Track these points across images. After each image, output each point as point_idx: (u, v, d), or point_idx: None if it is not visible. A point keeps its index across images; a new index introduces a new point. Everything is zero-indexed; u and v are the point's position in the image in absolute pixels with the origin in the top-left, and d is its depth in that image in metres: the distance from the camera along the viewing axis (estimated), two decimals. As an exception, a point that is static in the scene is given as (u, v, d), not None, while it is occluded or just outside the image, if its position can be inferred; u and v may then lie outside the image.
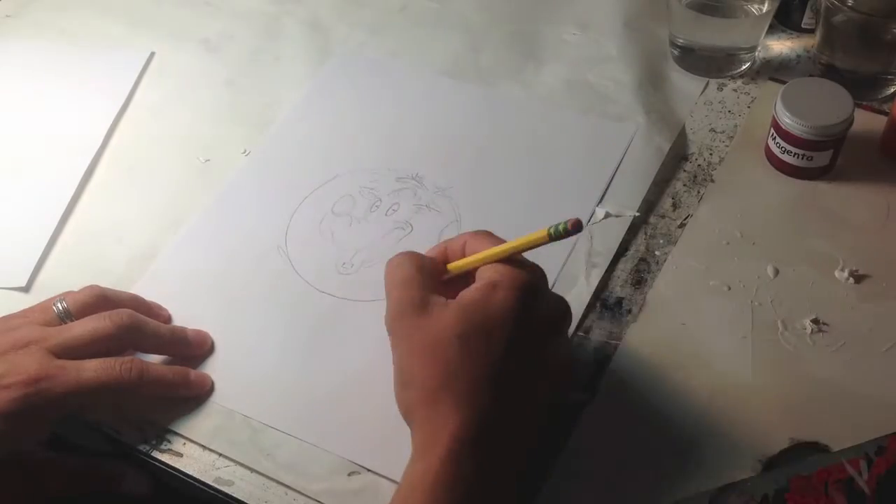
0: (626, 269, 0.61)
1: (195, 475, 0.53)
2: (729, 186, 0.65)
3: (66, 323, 0.54)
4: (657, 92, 0.72)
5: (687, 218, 0.64)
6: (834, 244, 0.61)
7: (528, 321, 0.47)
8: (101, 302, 0.55)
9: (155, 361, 0.56)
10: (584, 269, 0.61)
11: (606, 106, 0.71)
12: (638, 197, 0.65)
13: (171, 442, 0.54)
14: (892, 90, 0.70)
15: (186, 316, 0.59)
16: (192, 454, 0.54)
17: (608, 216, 0.63)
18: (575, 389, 0.54)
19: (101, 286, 0.57)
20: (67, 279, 0.60)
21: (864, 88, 0.69)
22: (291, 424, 0.54)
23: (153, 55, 0.79)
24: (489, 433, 0.46)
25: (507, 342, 0.47)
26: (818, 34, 0.70)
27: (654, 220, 0.64)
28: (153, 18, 0.83)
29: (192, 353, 0.57)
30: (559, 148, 0.68)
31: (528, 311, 0.47)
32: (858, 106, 0.65)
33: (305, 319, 0.59)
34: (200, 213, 0.66)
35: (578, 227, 0.46)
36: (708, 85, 0.73)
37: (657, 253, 0.62)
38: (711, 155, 0.68)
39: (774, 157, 0.65)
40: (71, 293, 0.56)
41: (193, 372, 0.56)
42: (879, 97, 0.70)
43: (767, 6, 0.70)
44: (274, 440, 0.54)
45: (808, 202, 0.64)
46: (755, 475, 0.50)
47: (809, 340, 0.56)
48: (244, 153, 0.70)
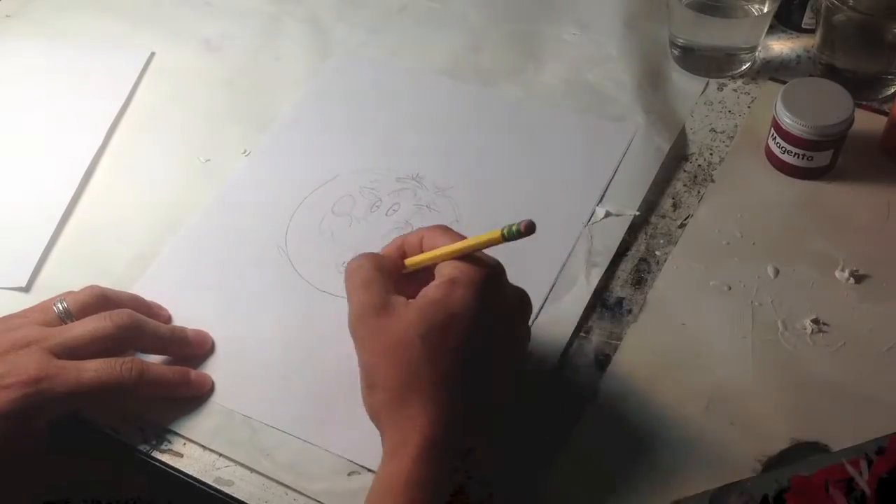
0: (626, 269, 0.61)
1: (195, 475, 0.53)
2: (729, 186, 0.65)
3: (66, 323, 0.54)
4: (657, 92, 0.72)
5: (687, 218, 0.64)
6: (834, 244, 0.61)
7: (488, 316, 0.48)
8: (101, 302, 0.55)
9: (155, 361, 0.56)
10: (584, 268, 0.61)
11: (606, 106, 0.71)
12: (638, 197, 0.65)
13: (171, 442, 0.54)
14: (892, 90, 0.70)
15: (186, 316, 0.59)
16: (192, 454, 0.54)
17: (608, 216, 0.63)
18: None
19: (101, 286, 0.57)
20: (67, 279, 0.60)
21: (864, 88, 0.69)
22: (291, 424, 0.54)
23: (153, 55, 0.79)
24: (458, 429, 0.47)
25: (468, 338, 0.47)
26: (818, 34, 0.70)
27: (654, 220, 0.64)
28: (153, 18, 0.83)
29: (192, 353, 0.57)
30: (559, 148, 0.68)
31: (488, 306, 0.48)
32: (858, 106, 0.65)
33: (305, 319, 0.59)
34: (200, 213, 0.66)
35: (531, 229, 0.46)
36: (708, 85, 0.73)
37: (657, 253, 0.62)
38: (711, 155, 0.68)
39: (775, 157, 0.65)
40: (71, 293, 0.56)
41: (193, 372, 0.56)
42: (879, 97, 0.70)
43: (768, 6, 0.70)
44: (274, 440, 0.54)
45: (808, 202, 0.64)
46: (755, 475, 0.50)
47: (810, 340, 0.56)
48: (244, 153, 0.70)
